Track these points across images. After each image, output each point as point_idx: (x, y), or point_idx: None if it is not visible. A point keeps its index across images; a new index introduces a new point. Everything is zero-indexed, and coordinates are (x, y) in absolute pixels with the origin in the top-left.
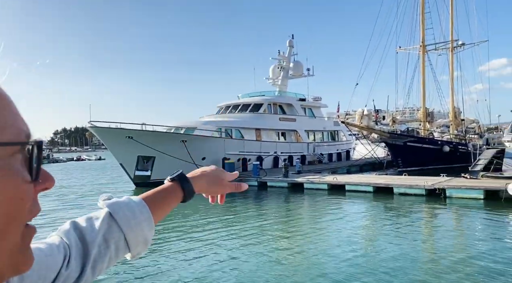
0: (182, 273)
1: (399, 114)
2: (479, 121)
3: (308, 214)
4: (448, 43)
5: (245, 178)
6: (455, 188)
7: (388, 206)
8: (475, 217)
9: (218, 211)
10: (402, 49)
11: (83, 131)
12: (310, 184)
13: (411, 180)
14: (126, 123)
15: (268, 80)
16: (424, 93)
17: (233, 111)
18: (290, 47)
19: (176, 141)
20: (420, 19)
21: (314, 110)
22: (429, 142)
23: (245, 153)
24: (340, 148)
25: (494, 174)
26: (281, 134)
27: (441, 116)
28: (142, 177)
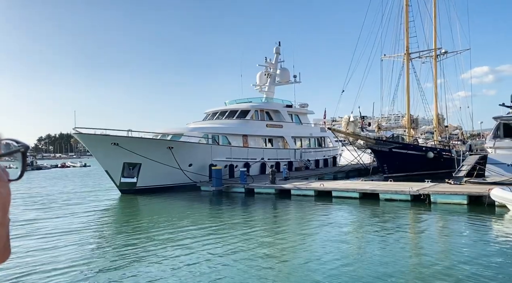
0: (169, 282)
1: (385, 120)
2: (462, 128)
3: (295, 221)
4: (431, 51)
5: (232, 185)
6: (440, 194)
7: (374, 211)
8: (459, 222)
9: (204, 218)
10: (386, 57)
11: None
12: (297, 190)
13: (396, 186)
14: (112, 130)
15: (255, 86)
16: (408, 100)
17: (220, 118)
18: (277, 54)
19: (162, 147)
20: (404, 28)
21: (301, 117)
22: (414, 148)
23: (232, 159)
24: (327, 154)
25: (477, 179)
26: (268, 140)
27: (426, 123)
28: (128, 184)
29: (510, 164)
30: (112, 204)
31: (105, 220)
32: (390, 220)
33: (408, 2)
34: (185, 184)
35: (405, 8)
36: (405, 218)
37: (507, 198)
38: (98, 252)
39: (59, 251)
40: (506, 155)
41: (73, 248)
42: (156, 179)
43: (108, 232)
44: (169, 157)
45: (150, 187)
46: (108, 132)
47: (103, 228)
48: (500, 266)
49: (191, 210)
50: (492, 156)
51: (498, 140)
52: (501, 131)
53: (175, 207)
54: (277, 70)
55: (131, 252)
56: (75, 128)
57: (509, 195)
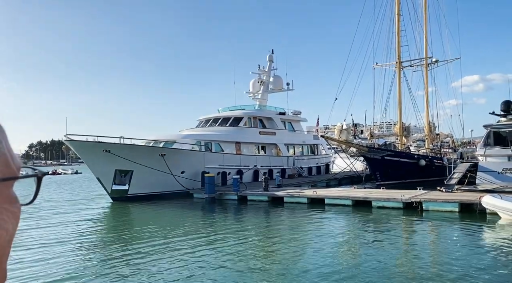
0: None
1: (377, 128)
2: (453, 136)
3: (288, 229)
4: (422, 60)
5: (225, 192)
6: (432, 201)
7: (367, 219)
8: (451, 229)
9: (197, 227)
10: (378, 66)
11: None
12: (290, 197)
13: (388, 193)
14: (104, 137)
15: (248, 94)
16: (400, 108)
17: (213, 125)
18: (270, 61)
19: (155, 154)
20: (396, 37)
21: (294, 124)
22: (406, 156)
23: (224, 166)
24: (320, 161)
25: (469, 187)
26: (261, 147)
27: (417, 131)
28: (119, 191)
29: (500, 172)
30: (103, 212)
31: (95, 230)
32: (382, 228)
33: (400, 12)
34: (177, 191)
35: (397, 18)
36: (398, 226)
37: (498, 205)
38: (87, 264)
39: (46, 263)
40: (497, 163)
41: (61, 260)
42: (148, 186)
43: (98, 243)
44: (162, 164)
45: (142, 195)
46: (100, 139)
47: (93, 238)
48: (491, 273)
49: (183, 218)
50: (482, 164)
51: (489, 148)
52: (491, 139)
53: (167, 215)
54: (270, 77)
55: (122, 263)
56: (67, 135)
57: (500, 202)
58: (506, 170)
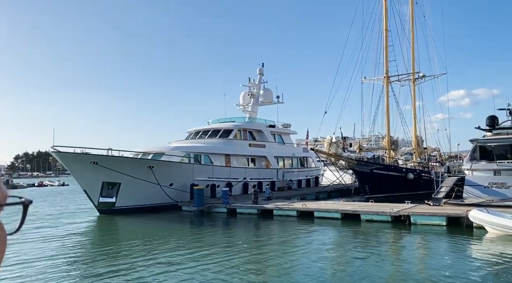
0: None
1: (365, 141)
2: (440, 149)
3: (277, 242)
4: (410, 75)
5: (214, 205)
6: (419, 215)
7: (356, 232)
8: (438, 243)
9: (185, 241)
10: (367, 80)
11: (46, 156)
12: (280, 210)
13: (377, 207)
14: (92, 148)
15: (238, 106)
16: (388, 122)
17: (203, 137)
18: (260, 74)
19: (143, 166)
20: (384, 52)
21: (284, 137)
22: (395, 169)
23: (214, 179)
24: (309, 174)
25: (456, 201)
26: (250, 160)
27: (405, 144)
28: (106, 204)
29: (486, 186)
30: (89, 226)
31: (80, 245)
32: (371, 241)
33: (388, 28)
34: (166, 204)
35: (385, 34)
36: (386, 239)
37: (484, 219)
38: (71, 281)
39: (29, 280)
40: (483, 177)
41: (43, 277)
42: (136, 199)
43: (84, 258)
44: (150, 176)
45: (130, 207)
46: (88, 151)
47: (78, 253)
48: None
49: (171, 232)
50: (469, 178)
51: (475, 162)
52: (477, 154)
53: (154, 229)
54: (261, 90)
55: (107, 280)
56: (54, 146)
57: (486, 216)
58: (492, 184)
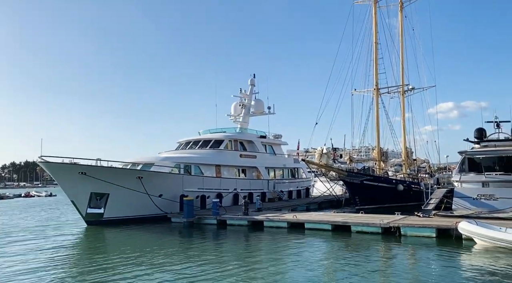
0: None
1: (356, 152)
2: (429, 161)
3: (267, 255)
4: (399, 87)
5: (204, 216)
6: (409, 226)
7: (346, 244)
8: (428, 254)
9: (174, 254)
10: (357, 92)
11: (34, 166)
12: (270, 222)
13: (367, 218)
14: (80, 159)
15: (229, 117)
16: (378, 133)
17: (193, 147)
18: (252, 85)
19: (132, 177)
20: (374, 65)
21: (275, 147)
22: (385, 181)
23: (204, 190)
24: (300, 185)
25: (445, 213)
26: (241, 171)
27: (395, 155)
28: (94, 215)
29: (475, 197)
30: (76, 238)
31: (66, 257)
32: (361, 253)
33: (377, 41)
34: (155, 215)
35: (374, 46)
36: (376, 251)
37: (473, 231)
38: None
39: None
40: (472, 189)
41: None
42: (124, 210)
43: (70, 272)
44: (139, 187)
45: (118, 219)
46: (76, 161)
47: (64, 267)
48: None
49: (160, 244)
50: (458, 189)
51: (464, 174)
52: (466, 166)
53: (143, 241)
54: (252, 101)
55: None
56: (41, 156)
57: (475, 228)
58: (480, 196)
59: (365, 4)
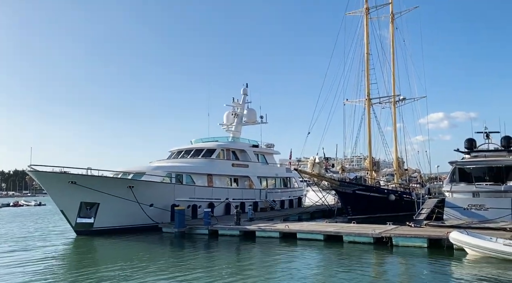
0: None
1: (347, 162)
2: (420, 171)
3: (259, 265)
4: (390, 97)
5: (195, 226)
6: (401, 237)
7: (338, 254)
8: (420, 265)
9: (165, 263)
10: (349, 102)
11: (23, 175)
12: (262, 232)
13: (359, 228)
14: (70, 168)
15: (222, 126)
16: (370, 143)
17: (185, 156)
18: (244, 95)
19: (123, 186)
20: (365, 75)
21: (267, 157)
22: (377, 190)
23: (195, 199)
24: (292, 194)
25: (436, 222)
26: (233, 180)
27: (386, 165)
28: (84, 224)
29: (466, 207)
30: (65, 248)
31: (55, 269)
32: (353, 263)
33: (369, 52)
34: (146, 225)
35: (366, 57)
36: (368, 261)
37: (464, 241)
38: None
39: None
40: (462, 199)
41: None
42: (115, 219)
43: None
44: (130, 197)
45: (108, 228)
46: (67, 170)
47: (53, 279)
48: None
49: (150, 255)
50: (449, 199)
51: (454, 184)
52: (457, 176)
53: (134, 252)
54: (244, 110)
55: None
56: (31, 165)
57: (466, 238)
58: (471, 206)
59: (356, 15)
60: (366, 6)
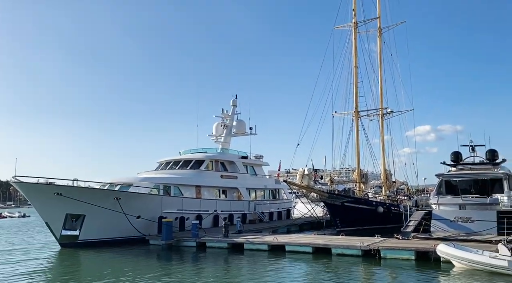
0: None
1: (336, 174)
2: (408, 183)
3: (247, 278)
4: (378, 110)
5: (183, 238)
6: (389, 249)
7: (327, 267)
8: (407, 277)
9: (152, 276)
10: (337, 114)
11: (7, 186)
12: (250, 244)
13: (348, 240)
14: (56, 179)
15: (211, 137)
16: (358, 155)
17: (174, 167)
18: (234, 106)
19: (110, 198)
20: (354, 88)
21: (256, 168)
22: (365, 202)
23: (183, 211)
24: (281, 206)
25: (424, 235)
26: (222, 191)
27: (374, 177)
28: (69, 237)
29: (452, 220)
30: (48, 262)
31: None
32: (341, 277)
33: (357, 64)
34: (133, 237)
35: (354, 70)
36: (356, 274)
37: (451, 254)
38: None
39: None
40: (449, 211)
41: None
42: (101, 232)
43: None
44: (117, 208)
45: (94, 241)
46: (52, 181)
47: None
48: None
49: (137, 268)
50: (436, 212)
51: (441, 196)
52: (443, 188)
53: (120, 264)
54: (234, 121)
55: None
56: (15, 176)
57: (453, 251)
58: (457, 218)
59: (345, 29)
60: (354, 20)
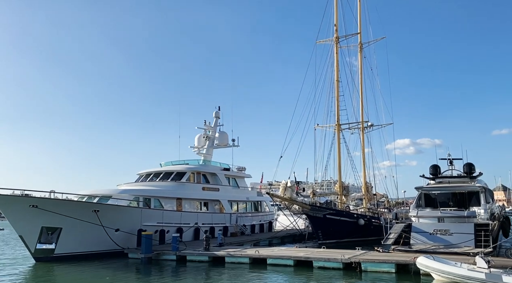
0: None
1: (318, 186)
2: (388, 196)
3: None
4: (359, 123)
5: (162, 252)
6: (370, 262)
7: (308, 279)
8: None
9: None
10: (319, 127)
11: None
12: (232, 257)
13: (329, 253)
14: (32, 190)
15: (193, 148)
16: (339, 168)
17: (154, 179)
18: (216, 118)
19: (87, 210)
20: (335, 102)
21: (238, 180)
22: (347, 215)
23: (163, 224)
24: (263, 219)
25: (404, 247)
26: (203, 204)
27: (355, 190)
28: (44, 251)
29: (431, 232)
30: (21, 277)
31: None
32: None
33: (339, 78)
34: (111, 250)
35: (336, 84)
36: None
37: (430, 266)
38: None
39: None
40: (428, 224)
41: None
42: (78, 245)
43: None
44: (95, 221)
45: (71, 255)
46: (28, 193)
47: None
48: None
49: (115, 282)
50: (415, 224)
51: (420, 209)
52: (423, 201)
53: (97, 279)
54: (216, 133)
55: None
56: None
57: (432, 263)
58: (436, 231)
59: (327, 43)
60: (336, 35)
